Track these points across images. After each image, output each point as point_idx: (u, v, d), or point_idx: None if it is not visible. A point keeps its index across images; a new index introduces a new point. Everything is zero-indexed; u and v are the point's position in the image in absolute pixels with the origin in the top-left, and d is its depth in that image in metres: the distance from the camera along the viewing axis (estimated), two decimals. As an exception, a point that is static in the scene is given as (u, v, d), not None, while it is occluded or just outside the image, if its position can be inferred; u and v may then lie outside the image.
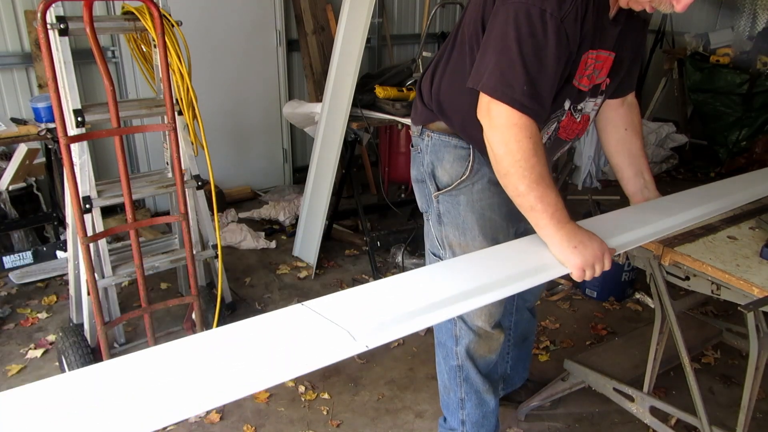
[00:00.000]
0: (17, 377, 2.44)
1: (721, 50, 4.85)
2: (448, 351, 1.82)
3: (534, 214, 1.35)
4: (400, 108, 3.02)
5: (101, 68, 1.94)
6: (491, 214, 1.65)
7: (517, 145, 1.31)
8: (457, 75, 1.53)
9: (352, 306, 1.11)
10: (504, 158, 1.34)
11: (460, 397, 1.85)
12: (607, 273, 1.41)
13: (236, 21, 4.08)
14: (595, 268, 1.35)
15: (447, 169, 1.63)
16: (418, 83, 1.71)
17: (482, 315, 1.71)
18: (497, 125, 1.33)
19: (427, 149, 1.66)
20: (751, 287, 1.30)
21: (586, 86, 1.48)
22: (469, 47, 1.47)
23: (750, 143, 4.77)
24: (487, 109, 1.34)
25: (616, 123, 1.74)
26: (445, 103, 1.59)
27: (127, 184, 2.08)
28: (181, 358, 0.96)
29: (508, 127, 1.31)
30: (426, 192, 1.72)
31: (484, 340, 1.76)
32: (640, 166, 1.73)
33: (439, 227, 1.71)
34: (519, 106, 1.30)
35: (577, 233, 1.35)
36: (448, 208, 1.67)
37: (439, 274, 1.31)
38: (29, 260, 3.12)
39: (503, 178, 1.37)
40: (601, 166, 4.73)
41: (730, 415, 1.98)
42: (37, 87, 3.40)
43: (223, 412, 2.26)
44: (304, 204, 3.46)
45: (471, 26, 1.46)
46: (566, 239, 1.34)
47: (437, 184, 1.67)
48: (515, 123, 1.31)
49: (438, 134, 1.63)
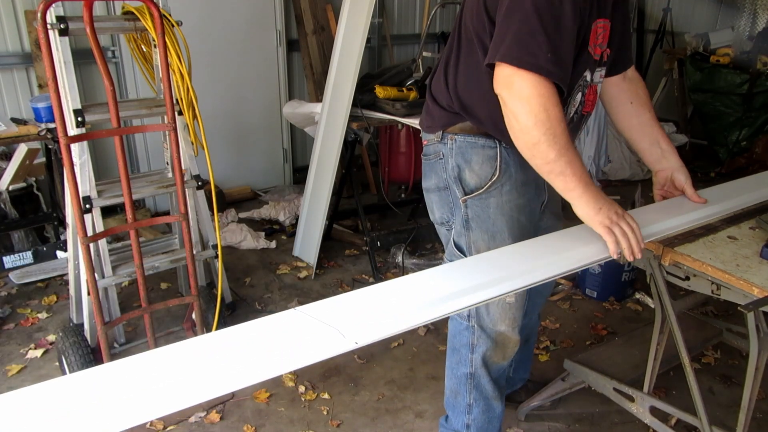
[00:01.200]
0: (17, 377, 2.44)
1: (722, 50, 4.85)
2: (462, 358, 1.81)
3: (563, 178, 1.37)
4: (400, 108, 3.02)
5: (101, 68, 1.94)
6: (519, 216, 1.64)
7: (546, 114, 1.30)
8: (472, 70, 1.53)
9: (343, 308, 1.13)
10: (533, 128, 1.32)
11: (469, 402, 1.84)
12: (607, 273, 1.42)
13: (236, 21, 4.08)
14: (621, 226, 1.37)
15: (476, 170, 1.60)
16: (428, 89, 1.68)
17: (506, 320, 1.71)
18: (524, 96, 1.31)
19: (451, 153, 1.62)
20: (751, 287, 1.30)
21: (598, 55, 1.49)
22: (478, 39, 1.47)
23: (750, 143, 4.77)
24: (508, 81, 1.32)
25: (620, 99, 1.73)
26: (467, 100, 1.56)
27: (127, 184, 2.08)
28: (174, 361, 0.97)
29: (535, 97, 1.30)
30: (448, 199, 1.68)
31: (500, 348, 1.76)
32: (655, 136, 1.71)
33: (467, 233, 1.66)
34: (546, 72, 1.29)
35: (600, 195, 1.39)
36: (477, 212, 1.63)
37: (438, 273, 1.31)
38: (29, 260, 3.12)
39: (532, 148, 1.36)
40: (601, 166, 4.73)
41: (730, 415, 1.98)
42: (37, 87, 3.40)
43: (223, 412, 2.26)
44: (304, 204, 3.46)
45: (475, 19, 1.46)
46: (593, 200, 1.37)
47: (464, 188, 1.63)
48: (542, 92, 1.30)
49: (463, 136, 1.60)
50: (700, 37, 5.11)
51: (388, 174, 3.76)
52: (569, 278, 3.20)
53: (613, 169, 4.79)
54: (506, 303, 1.70)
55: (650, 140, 1.72)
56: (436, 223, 1.80)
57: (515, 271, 1.30)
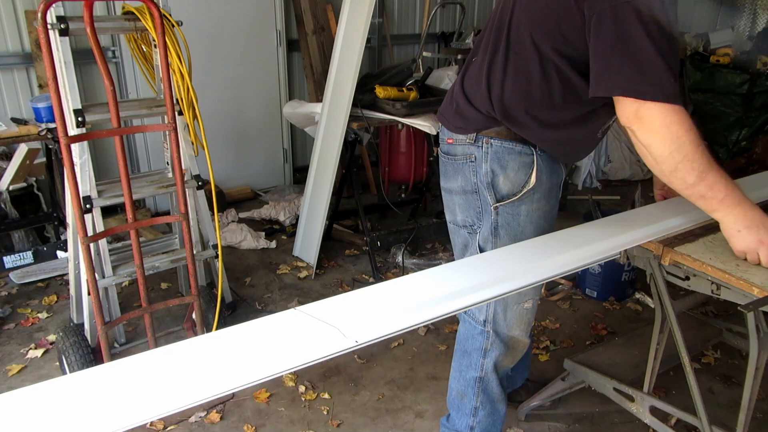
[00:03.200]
0: (17, 377, 2.44)
1: (721, 50, 4.85)
2: (472, 362, 1.80)
3: (704, 201, 1.36)
4: (400, 108, 3.02)
5: (101, 68, 1.94)
6: (544, 224, 1.63)
7: (679, 141, 1.28)
8: (522, 78, 1.48)
9: (343, 307, 1.13)
10: (670, 157, 1.30)
11: (475, 405, 1.84)
12: (607, 273, 1.42)
13: (236, 21, 4.08)
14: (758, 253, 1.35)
15: (510, 177, 1.57)
16: (459, 88, 1.62)
17: (522, 325, 1.71)
18: (655, 127, 1.28)
19: (486, 157, 1.58)
20: (751, 287, 1.30)
21: None
22: (552, 52, 1.41)
23: (750, 143, 4.77)
24: (635, 114, 1.29)
25: None
26: (514, 111, 1.51)
27: (128, 184, 2.08)
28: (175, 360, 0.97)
29: (667, 126, 1.28)
30: (476, 204, 1.64)
31: (512, 352, 1.77)
32: None
33: (493, 240, 1.63)
34: (673, 99, 1.26)
35: (746, 216, 1.35)
36: (507, 219, 1.60)
37: (438, 273, 1.31)
38: (29, 260, 3.12)
39: (669, 175, 1.34)
40: (601, 166, 4.73)
41: (730, 415, 1.98)
42: (38, 87, 3.40)
43: (223, 411, 2.26)
44: (304, 204, 3.46)
45: (541, 28, 1.41)
46: (733, 222, 1.36)
47: (496, 194, 1.59)
48: (673, 120, 1.27)
49: (500, 140, 1.55)
50: (700, 37, 5.12)
51: (388, 174, 3.76)
52: (569, 278, 3.20)
53: (613, 169, 4.79)
54: (524, 308, 1.70)
55: None
56: (456, 224, 1.76)
57: (515, 271, 1.30)
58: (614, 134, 4.68)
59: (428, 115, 3.03)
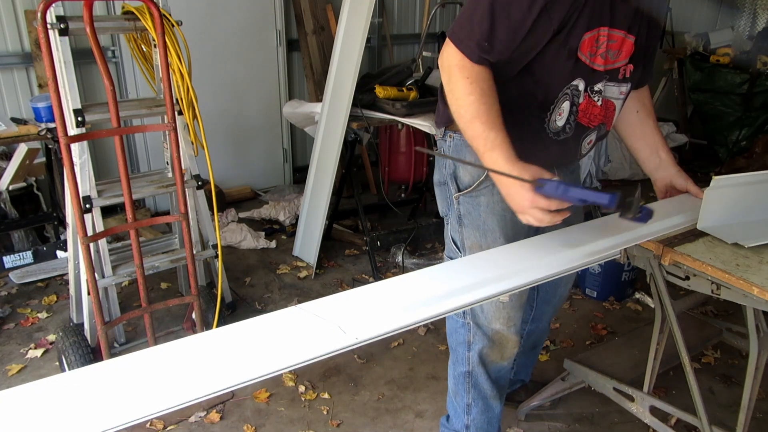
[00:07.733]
0: (17, 377, 2.44)
1: (721, 50, 4.85)
2: (458, 357, 1.81)
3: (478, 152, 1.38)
4: (400, 108, 3.02)
5: (101, 68, 1.94)
6: (512, 216, 1.61)
7: (454, 84, 1.36)
8: None
9: (343, 305, 1.13)
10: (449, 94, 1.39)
11: (467, 402, 1.85)
12: (607, 273, 1.41)
13: (236, 21, 4.08)
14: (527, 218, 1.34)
15: (469, 169, 1.62)
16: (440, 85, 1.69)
17: (500, 318, 1.71)
18: (443, 64, 1.39)
19: (449, 150, 1.66)
20: (751, 287, 1.30)
21: (600, 65, 1.44)
22: None
23: (750, 143, 4.77)
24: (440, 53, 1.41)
25: (628, 107, 1.72)
26: None
27: (127, 184, 2.08)
28: (174, 358, 0.97)
29: (449, 66, 1.37)
30: (447, 194, 1.71)
31: (498, 346, 1.76)
32: (655, 145, 1.73)
33: (459, 229, 1.69)
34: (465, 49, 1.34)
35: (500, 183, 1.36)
36: (468, 209, 1.65)
37: (438, 272, 1.31)
38: (29, 260, 3.12)
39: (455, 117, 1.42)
40: (601, 166, 4.72)
41: (730, 415, 1.98)
42: (37, 87, 3.40)
43: (223, 411, 2.26)
44: (304, 204, 3.46)
45: None
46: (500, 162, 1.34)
47: (458, 185, 1.65)
48: (455, 63, 1.35)
49: (459, 135, 1.61)
50: (700, 36, 5.11)
51: (388, 174, 3.76)
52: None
53: (613, 169, 4.79)
54: (499, 302, 1.70)
55: (651, 149, 1.74)
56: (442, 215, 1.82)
57: (513, 270, 1.30)
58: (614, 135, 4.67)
59: (428, 115, 3.03)
